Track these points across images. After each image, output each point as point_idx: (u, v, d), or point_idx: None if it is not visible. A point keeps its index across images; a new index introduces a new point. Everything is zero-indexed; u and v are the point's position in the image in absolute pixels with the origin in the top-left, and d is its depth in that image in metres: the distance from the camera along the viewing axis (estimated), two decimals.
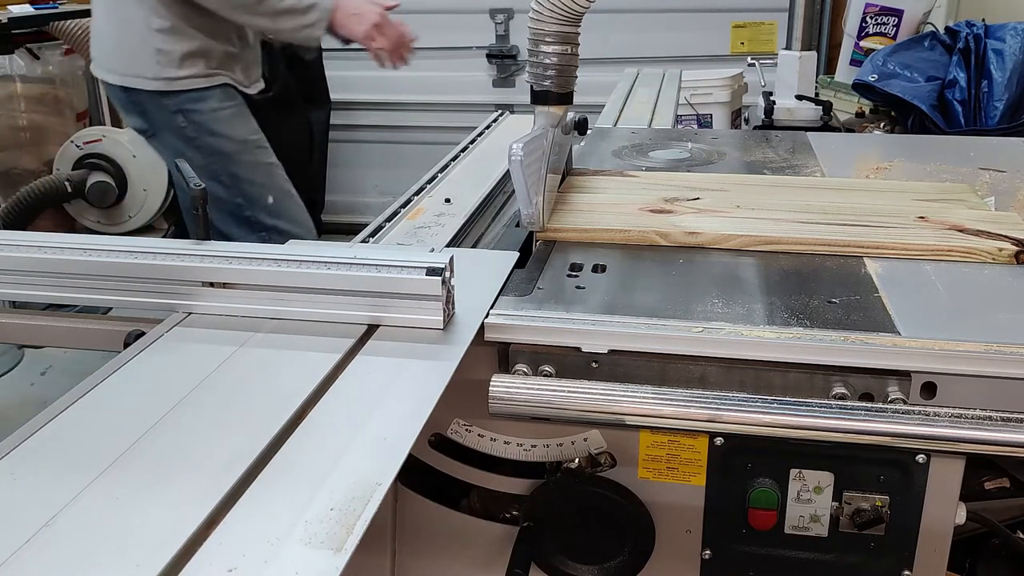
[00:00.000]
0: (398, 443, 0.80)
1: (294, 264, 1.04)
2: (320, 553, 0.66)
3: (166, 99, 1.99)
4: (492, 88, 4.41)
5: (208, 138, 2.01)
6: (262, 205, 2.06)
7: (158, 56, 1.97)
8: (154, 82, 1.98)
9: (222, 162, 2.02)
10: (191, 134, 2.01)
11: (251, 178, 2.04)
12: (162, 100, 1.99)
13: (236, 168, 2.03)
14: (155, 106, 2.01)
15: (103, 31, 2.05)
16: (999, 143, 1.92)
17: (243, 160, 2.04)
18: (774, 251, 1.26)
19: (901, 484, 1.00)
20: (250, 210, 2.04)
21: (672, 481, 1.05)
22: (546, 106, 1.34)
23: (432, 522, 1.14)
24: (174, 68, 1.97)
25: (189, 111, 2.00)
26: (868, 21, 2.77)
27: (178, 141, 2.02)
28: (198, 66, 1.98)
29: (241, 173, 2.04)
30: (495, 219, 1.57)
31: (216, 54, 2.02)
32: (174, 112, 2.00)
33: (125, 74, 2.01)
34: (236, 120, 2.06)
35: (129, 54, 2.00)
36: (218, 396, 0.89)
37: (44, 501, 0.72)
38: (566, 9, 1.26)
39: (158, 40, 1.96)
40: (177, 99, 1.98)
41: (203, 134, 2.01)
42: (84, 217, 4.14)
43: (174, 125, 2.02)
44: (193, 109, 2.00)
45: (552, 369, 1.04)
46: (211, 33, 2.01)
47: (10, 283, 1.10)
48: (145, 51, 1.98)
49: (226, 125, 2.03)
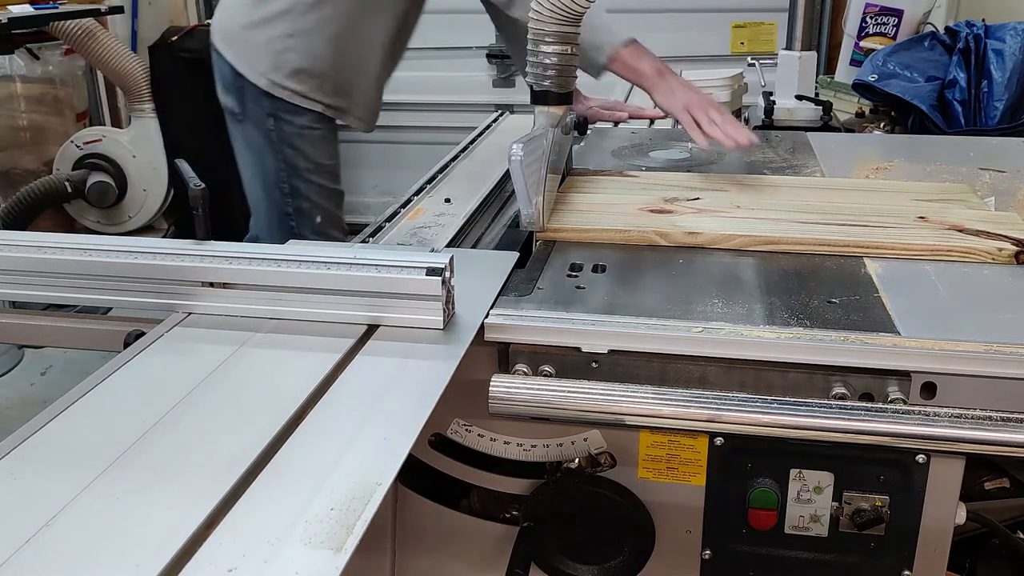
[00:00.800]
0: (398, 443, 0.80)
1: (294, 264, 1.04)
2: (320, 553, 0.66)
3: (265, 98, 1.97)
4: (492, 88, 4.41)
5: (288, 149, 2.00)
6: (309, 223, 2.06)
7: (276, 58, 1.94)
8: (261, 79, 1.95)
9: (290, 173, 2.02)
10: (274, 139, 2.00)
11: (309, 195, 2.04)
12: (261, 97, 1.97)
13: (300, 183, 2.03)
14: (253, 98, 1.99)
15: (241, 5, 2.00)
16: (999, 143, 1.92)
17: (310, 179, 2.04)
18: (774, 251, 1.26)
19: (901, 484, 1.00)
20: (296, 222, 2.04)
21: (672, 481, 1.05)
22: (546, 106, 1.34)
23: (432, 522, 1.14)
24: (284, 76, 1.95)
25: (281, 119, 1.98)
26: (868, 21, 2.77)
27: (261, 139, 2.01)
28: (306, 85, 1.95)
29: (302, 189, 2.03)
30: (495, 219, 1.57)
31: (332, 84, 1.98)
32: (268, 114, 1.98)
33: (240, 56, 1.98)
34: (320, 144, 2.04)
35: (253, 42, 1.97)
36: (218, 396, 0.89)
37: (44, 501, 0.72)
38: (566, 9, 1.26)
39: (283, 44, 1.93)
40: (275, 104, 1.97)
41: (285, 144, 2.00)
42: (84, 217, 4.15)
43: (264, 125, 2.00)
44: (286, 119, 1.98)
45: (552, 369, 1.04)
46: (340, 64, 1.97)
47: (10, 283, 1.10)
48: (268, 48, 1.95)
49: (309, 145, 2.02)
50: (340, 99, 2.01)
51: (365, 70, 2.02)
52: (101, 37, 3.79)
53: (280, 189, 2.03)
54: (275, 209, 2.05)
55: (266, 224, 2.08)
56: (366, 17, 1.94)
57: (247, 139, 2.05)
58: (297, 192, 2.03)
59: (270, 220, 2.07)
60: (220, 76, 2.06)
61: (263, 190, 2.05)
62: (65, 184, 3.79)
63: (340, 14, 1.91)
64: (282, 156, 2.01)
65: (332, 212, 2.08)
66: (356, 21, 1.93)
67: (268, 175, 2.02)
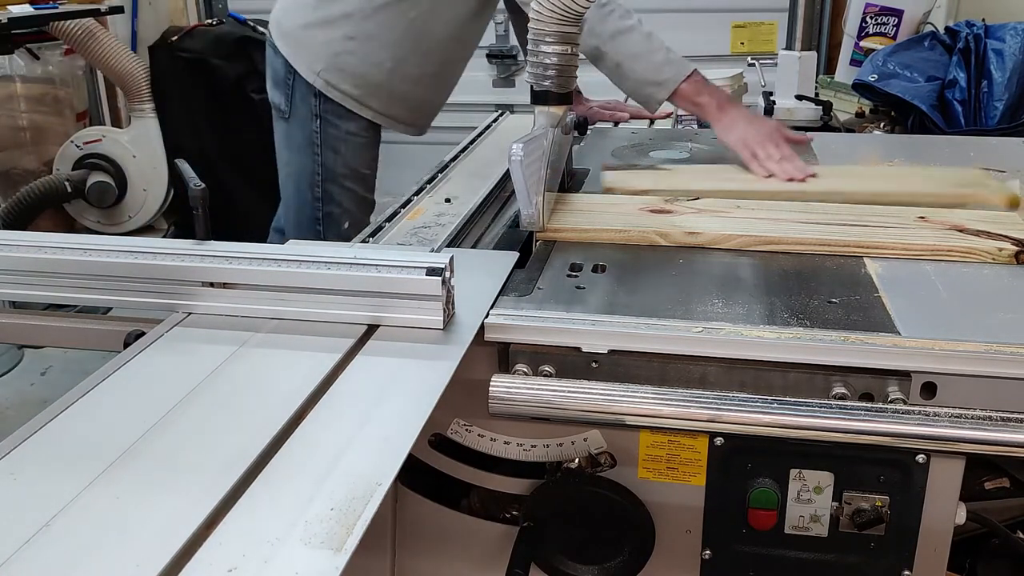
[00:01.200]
0: (398, 443, 0.80)
1: (294, 264, 1.04)
2: (320, 553, 0.66)
3: (315, 99, 1.95)
4: (492, 88, 4.41)
5: (329, 153, 1.99)
6: (336, 228, 2.05)
7: (333, 60, 1.92)
8: (318, 79, 1.93)
9: (326, 177, 2.01)
10: (317, 141, 1.98)
11: (341, 201, 2.04)
12: (311, 98, 1.95)
13: (334, 188, 2.02)
14: (302, 98, 1.97)
15: (303, 4, 1.97)
16: (999, 143, 1.92)
17: (345, 185, 2.03)
18: (773, 251, 1.26)
19: (901, 484, 1.00)
20: (323, 226, 2.04)
21: (672, 481, 1.05)
22: (546, 106, 1.34)
23: (432, 522, 1.14)
24: (340, 79, 1.93)
25: (328, 121, 1.97)
26: (868, 21, 2.77)
27: (303, 139, 2.00)
28: (361, 91, 1.94)
29: (336, 194, 2.03)
30: (495, 219, 1.57)
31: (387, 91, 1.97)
32: (315, 115, 1.97)
33: (297, 53, 1.96)
34: (362, 150, 2.04)
35: (312, 41, 1.94)
36: (218, 396, 0.89)
37: (44, 501, 0.72)
38: (566, 9, 1.26)
39: (342, 47, 1.91)
40: (325, 105, 1.95)
41: (327, 148, 1.99)
42: (84, 217, 4.14)
43: (309, 126, 1.98)
44: (333, 122, 1.97)
45: (552, 369, 1.04)
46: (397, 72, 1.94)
47: (10, 283, 1.10)
48: (326, 49, 1.93)
49: (351, 150, 2.01)
50: (392, 107, 1.99)
51: (422, 78, 2.00)
52: (101, 37, 3.79)
53: (313, 192, 2.02)
54: (305, 209, 2.04)
55: (294, 223, 2.08)
56: (428, 24, 1.92)
57: (289, 138, 2.03)
58: (330, 197, 2.02)
59: (299, 220, 2.07)
60: (272, 71, 2.03)
61: (296, 190, 2.04)
62: (65, 184, 3.79)
63: (401, 21, 1.90)
64: (321, 159, 1.99)
65: (360, 220, 2.07)
66: (416, 28, 1.91)
67: (304, 176, 2.01)
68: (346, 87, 1.93)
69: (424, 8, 1.89)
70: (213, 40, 3.94)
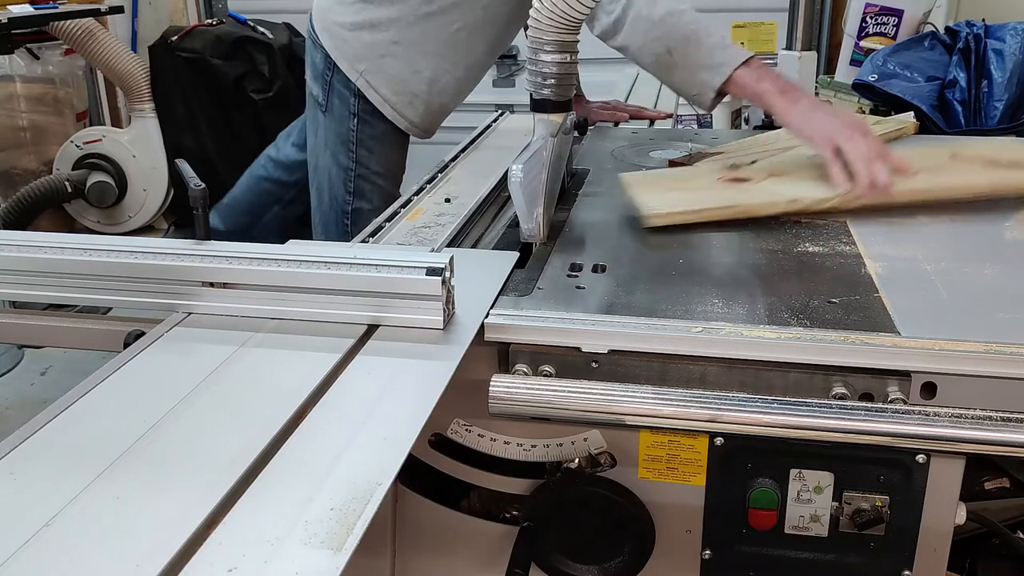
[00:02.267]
0: (398, 443, 0.80)
1: (294, 264, 1.04)
2: (320, 553, 0.66)
3: (354, 97, 1.96)
4: (492, 88, 4.41)
5: (363, 151, 2.00)
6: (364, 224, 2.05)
7: (377, 62, 1.92)
8: (360, 78, 1.93)
9: (360, 174, 2.02)
10: (353, 139, 1.99)
11: (372, 198, 2.04)
12: (350, 96, 1.96)
13: (366, 186, 2.03)
14: (340, 96, 1.97)
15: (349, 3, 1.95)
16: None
17: (377, 183, 2.04)
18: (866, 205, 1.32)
19: (901, 484, 1.00)
20: (351, 221, 2.05)
21: (672, 481, 1.05)
22: (545, 114, 1.34)
23: (432, 522, 1.14)
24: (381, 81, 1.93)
25: (365, 120, 1.97)
26: (868, 21, 2.76)
27: (339, 136, 2.00)
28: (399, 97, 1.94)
29: (367, 191, 2.03)
30: (495, 219, 1.57)
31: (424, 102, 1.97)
32: (352, 113, 1.97)
33: (341, 50, 1.95)
34: (394, 150, 2.05)
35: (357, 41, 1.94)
36: (218, 396, 0.89)
37: (44, 501, 0.72)
38: (565, 17, 1.26)
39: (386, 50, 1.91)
40: (364, 105, 1.96)
41: (362, 147, 1.99)
42: (84, 217, 4.15)
43: (346, 124, 1.99)
44: (369, 122, 1.97)
45: (552, 369, 1.04)
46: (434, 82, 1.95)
47: (10, 283, 1.10)
48: (372, 51, 1.92)
49: (384, 148, 2.02)
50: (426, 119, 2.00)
51: (459, 92, 2.02)
52: (101, 37, 3.79)
53: (346, 187, 2.02)
54: (335, 205, 2.05)
55: (321, 220, 2.08)
56: (471, 37, 1.93)
57: (326, 131, 2.04)
58: (362, 193, 2.03)
59: (326, 214, 2.07)
60: (312, 63, 2.03)
61: (327, 184, 2.04)
62: (65, 184, 3.79)
63: (445, 32, 1.90)
64: (356, 157, 2.00)
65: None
66: (460, 40, 1.92)
67: (337, 171, 2.02)
68: (385, 91, 1.94)
69: (469, 21, 1.90)
70: (213, 40, 3.94)
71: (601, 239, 1.35)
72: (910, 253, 1.26)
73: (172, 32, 4.01)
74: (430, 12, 1.87)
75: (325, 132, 2.03)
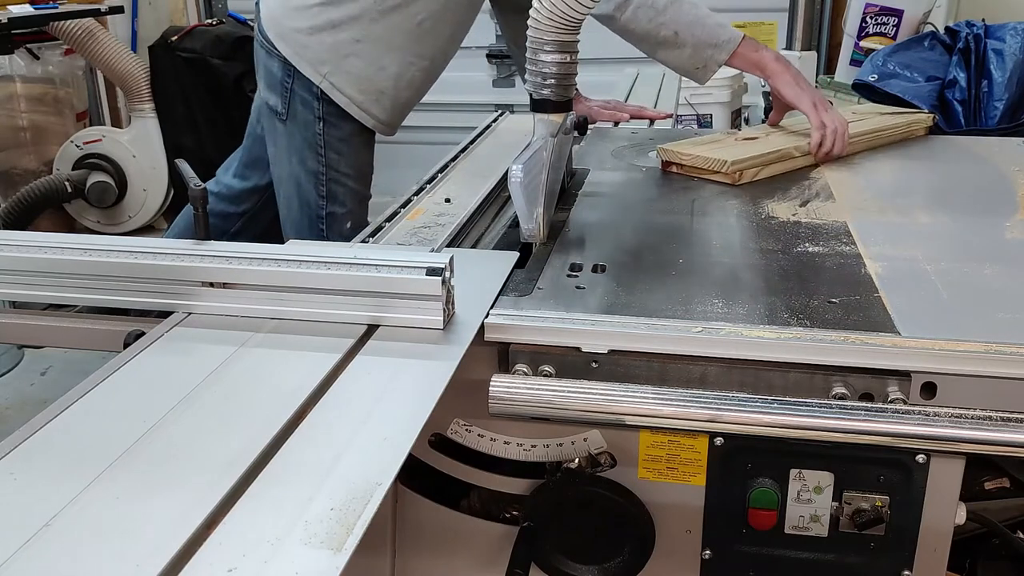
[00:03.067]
0: (398, 443, 0.80)
1: (294, 264, 1.04)
2: (320, 553, 0.66)
3: (317, 101, 1.94)
4: (492, 88, 4.41)
5: (332, 154, 1.99)
6: (340, 227, 2.05)
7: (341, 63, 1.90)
8: (324, 81, 1.91)
9: (331, 177, 2.01)
10: (320, 143, 1.97)
11: (345, 200, 2.03)
12: (313, 100, 1.94)
13: (337, 188, 2.02)
14: (302, 101, 1.95)
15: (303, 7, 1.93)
16: (999, 143, 1.92)
17: (348, 184, 2.03)
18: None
19: (901, 484, 1.00)
20: (326, 226, 2.04)
21: (672, 481, 1.05)
22: (545, 114, 1.34)
23: (432, 522, 1.14)
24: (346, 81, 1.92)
25: (330, 123, 1.96)
26: (868, 21, 2.77)
27: (305, 141, 1.98)
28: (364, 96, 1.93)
29: (339, 194, 2.02)
30: (495, 219, 1.57)
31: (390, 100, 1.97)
32: (317, 117, 1.95)
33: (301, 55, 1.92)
34: (362, 150, 2.04)
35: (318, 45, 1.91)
36: (218, 396, 0.89)
37: (44, 501, 0.72)
38: (565, 17, 1.26)
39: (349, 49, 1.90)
40: (328, 107, 1.94)
41: (330, 149, 1.98)
42: (84, 217, 4.15)
43: (311, 128, 1.97)
44: (334, 123, 1.96)
45: (552, 369, 1.04)
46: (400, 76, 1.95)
47: (10, 283, 1.10)
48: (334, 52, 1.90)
49: (352, 149, 2.01)
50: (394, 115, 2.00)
51: (423, 84, 2.01)
52: (101, 37, 3.79)
53: (318, 192, 2.01)
54: (307, 211, 2.03)
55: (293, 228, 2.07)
56: (435, 26, 1.92)
57: (288, 139, 2.01)
58: (334, 197, 2.02)
59: (298, 222, 2.05)
60: (266, 72, 2.00)
61: (297, 192, 2.02)
62: (65, 184, 3.79)
63: (409, 23, 1.89)
64: (325, 160, 1.99)
65: (361, 217, 2.07)
66: (424, 30, 1.91)
67: (307, 177, 2.00)
68: (351, 91, 1.93)
69: (433, 10, 1.90)
70: (213, 40, 3.94)
71: (601, 239, 1.35)
72: (910, 253, 1.26)
73: (172, 32, 4.01)
74: (394, 5, 1.87)
75: (287, 140, 2.00)
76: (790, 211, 1.45)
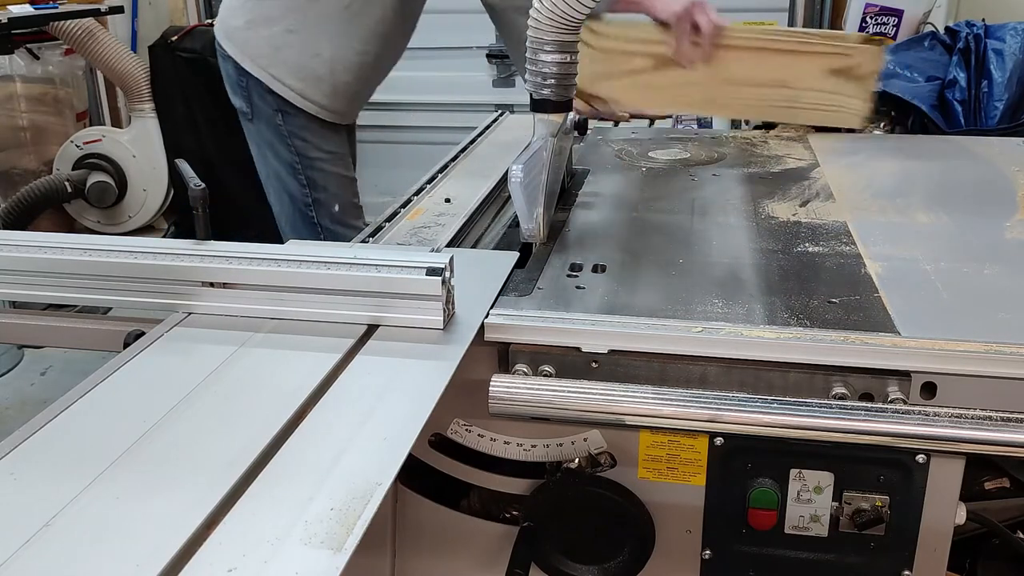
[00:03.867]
0: (398, 443, 0.80)
1: (294, 264, 1.04)
2: (320, 553, 0.66)
3: (270, 95, 2.00)
4: (492, 88, 4.41)
5: (299, 141, 2.04)
6: (328, 212, 2.10)
7: (276, 54, 1.96)
8: (264, 73, 1.98)
9: (305, 164, 2.06)
10: (285, 133, 2.04)
11: (326, 185, 2.08)
12: (266, 94, 2.01)
13: (315, 173, 2.06)
14: (259, 95, 2.02)
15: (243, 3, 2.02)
16: (999, 143, 1.92)
17: (324, 168, 2.07)
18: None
19: (901, 484, 1.00)
20: (315, 213, 2.07)
21: (672, 481, 1.05)
22: (545, 114, 1.34)
23: (432, 522, 1.14)
24: (284, 72, 1.97)
25: (287, 113, 2.02)
26: (868, 21, 2.76)
27: (272, 134, 2.05)
28: (303, 84, 1.98)
29: (318, 179, 2.07)
30: (495, 219, 1.57)
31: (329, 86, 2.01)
32: (275, 109, 2.02)
33: (244, 52, 2.01)
34: (329, 133, 2.08)
35: (255, 39, 1.99)
36: (218, 396, 0.89)
37: (44, 501, 0.72)
38: (565, 17, 1.26)
39: (283, 40, 1.95)
40: (280, 100, 2.00)
41: (295, 137, 2.04)
42: (84, 217, 4.15)
43: (273, 121, 2.04)
44: (291, 112, 2.02)
45: (552, 369, 1.04)
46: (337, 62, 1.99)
47: (10, 283, 1.10)
48: (269, 44, 1.97)
49: (318, 135, 2.06)
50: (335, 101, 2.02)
51: (362, 67, 2.03)
52: (101, 37, 3.79)
53: (298, 181, 2.06)
54: (294, 203, 2.08)
55: (288, 221, 2.11)
56: (364, 7, 1.95)
57: (260, 136, 2.08)
58: (314, 183, 2.06)
59: (292, 215, 2.10)
60: (226, 76, 2.07)
61: (281, 185, 2.07)
62: (65, 184, 3.79)
63: (336, 7, 1.93)
64: (294, 148, 2.04)
65: (349, 200, 2.12)
66: (352, 12, 1.94)
67: (284, 169, 2.05)
68: (290, 81, 1.97)
69: None
70: (213, 40, 3.93)
71: (601, 239, 1.35)
72: (910, 253, 1.26)
73: (172, 32, 4.01)
74: None
75: (259, 138, 2.07)
76: (790, 211, 1.45)
